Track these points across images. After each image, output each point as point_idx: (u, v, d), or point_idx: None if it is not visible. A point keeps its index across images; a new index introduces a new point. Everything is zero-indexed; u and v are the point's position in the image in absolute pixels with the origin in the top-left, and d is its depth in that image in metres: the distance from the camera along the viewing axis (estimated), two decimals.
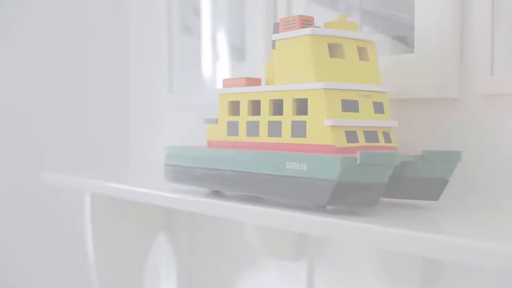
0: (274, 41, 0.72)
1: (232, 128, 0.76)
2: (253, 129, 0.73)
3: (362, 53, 0.70)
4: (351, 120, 0.64)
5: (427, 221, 0.57)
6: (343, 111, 0.64)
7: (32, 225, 1.35)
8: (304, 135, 0.66)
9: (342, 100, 0.64)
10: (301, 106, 0.68)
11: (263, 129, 0.71)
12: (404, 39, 0.80)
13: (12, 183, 1.33)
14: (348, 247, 0.90)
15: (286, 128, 0.68)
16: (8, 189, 1.33)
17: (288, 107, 0.68)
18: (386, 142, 0.67)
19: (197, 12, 1.17)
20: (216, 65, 1.14)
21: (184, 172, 0.78)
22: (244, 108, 0.75)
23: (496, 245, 0.44)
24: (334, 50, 0.68)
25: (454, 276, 0.76)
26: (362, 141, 0.64)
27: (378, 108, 0.67)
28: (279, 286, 1.02)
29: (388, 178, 0.60)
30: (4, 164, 1.32)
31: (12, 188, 1.33)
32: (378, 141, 0.66)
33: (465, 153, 0.75)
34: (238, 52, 1.08)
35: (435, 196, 0.66)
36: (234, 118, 0.76)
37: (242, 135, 0.74)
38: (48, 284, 1.37)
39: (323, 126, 0.64)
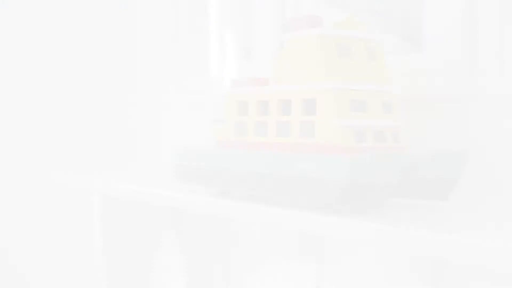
0: (282, 41, 0.72)
1: (240, 128, 0.76)
2: (261, 129, 0.73)
3: (370, 53, 0.70)
4: (359, 120, 0.64)
5: (435, 222, 0.56)
6: (351, 111, 0.64)
7: (40, 225, 1.36)
8: (312, 135, 0.66)
9: (351, 100, 0.64)
10: (310, 106, 0.68)
11: (272, 129, 0.71)
12: (412, 39, 0.79)
13: (20, 183, 1.33)
14: (356, 247, 0.89)
15: (295, 128, 0.68)
16: (16, 190, 1.33)
17: (296, 107, 0.68)
18: (394, 142, 0.67)
19: (204, 12, 1.17)
20: (224, 65, 1.14)
21: (192, 172, 0.79)
22: (252, 108, 0.75)
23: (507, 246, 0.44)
24: (343, 50, 0.68)
25: (463, 276, 0.76)
26: (370, 141, 0.64)
27: (387, 108, 0.67)
28: (286, 286, 1.02)
29: (396, 178, 0.59)
30: (12, 164, 1.33)
31: (20, 188, 1.33)
32: (386, 141, 0.66)
33: (474, 153, 0.74)
34: (246, 52, 1.08)
35: (444, 196, 0.66)
36: (242, 118, 0.76)
37: (250, 135, 0.74)
38: (56, 283, 1.37)
39: (331, 126, 0.63)
